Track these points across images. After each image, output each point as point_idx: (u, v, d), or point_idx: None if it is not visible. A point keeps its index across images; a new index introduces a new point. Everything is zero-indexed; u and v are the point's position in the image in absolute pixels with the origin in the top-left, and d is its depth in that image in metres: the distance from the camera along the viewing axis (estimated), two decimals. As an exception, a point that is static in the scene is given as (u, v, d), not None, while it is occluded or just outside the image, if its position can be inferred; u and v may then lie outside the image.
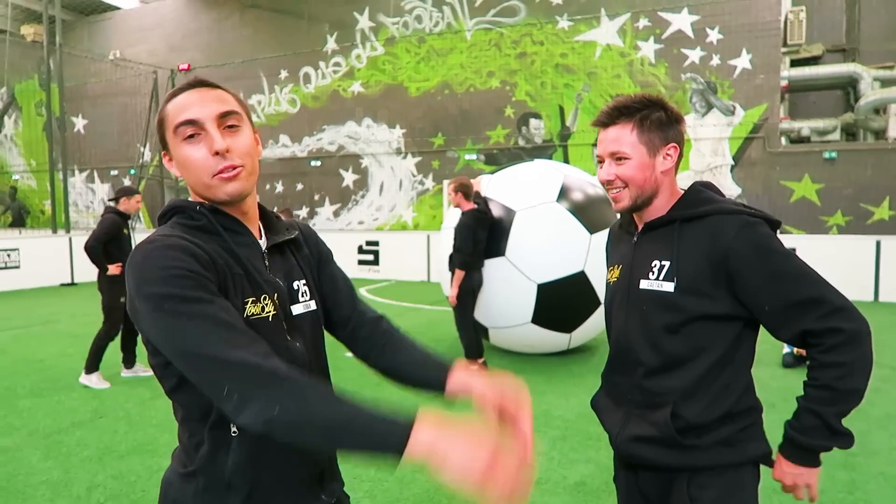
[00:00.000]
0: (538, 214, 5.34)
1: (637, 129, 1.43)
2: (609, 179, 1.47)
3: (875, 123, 10.77)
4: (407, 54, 13.51)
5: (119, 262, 5.14)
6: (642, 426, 1.47)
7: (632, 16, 11.56)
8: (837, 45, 11.44)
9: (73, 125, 17.45)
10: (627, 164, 1.44)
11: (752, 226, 1.36)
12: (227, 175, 1.09)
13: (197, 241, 1.08)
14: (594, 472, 3.42)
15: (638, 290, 1.48)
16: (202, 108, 1.09)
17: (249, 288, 1.11)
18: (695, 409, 1.41)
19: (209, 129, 1.09)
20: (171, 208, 1.16)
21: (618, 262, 1.59)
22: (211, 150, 1.08)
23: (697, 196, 1.47)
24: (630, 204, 1.47)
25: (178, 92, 1.12)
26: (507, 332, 5.62)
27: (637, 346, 1.47)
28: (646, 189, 1.46)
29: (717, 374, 1.42)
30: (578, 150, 12.22)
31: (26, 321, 7.99)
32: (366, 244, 12.51)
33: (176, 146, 1.12)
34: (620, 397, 1.54)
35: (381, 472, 3.43)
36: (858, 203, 10.24)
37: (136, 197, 5.36)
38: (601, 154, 1.49)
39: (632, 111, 1.43)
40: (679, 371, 1.43)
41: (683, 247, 1.41)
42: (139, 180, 16.31)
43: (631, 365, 1.50)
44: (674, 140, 1.45)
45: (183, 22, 15.99)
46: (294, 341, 1.17)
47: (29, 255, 11.17)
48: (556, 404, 4.59)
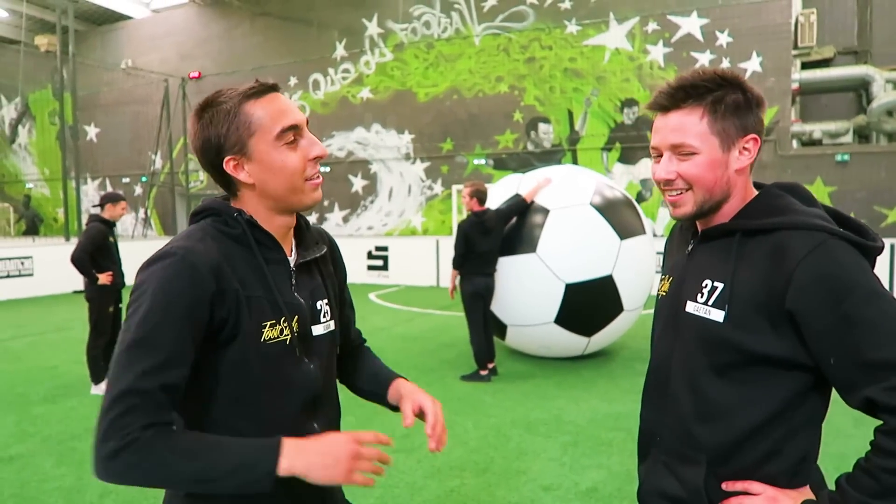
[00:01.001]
0: (571, 215, 5.42)
1: (708, 115, 1.12)
2: (669, 179, 1.16)
3: (888, 126, 10.67)
4: (415, 60, 13.56)
5: (108, 271, 5.01)
6: (669, 480, 1.21)
7: (640, 19, 11.55)
8: (849, 47, 11.36)
9: (85, 134, 17.66)
10: (694, 161, 1.14)
11: (832, 248, 1.04)
12: (317, 181, 1.13)
13: (225, 251, 1.07)
14: (606, 478, 3.39)
15: (684, 314, 1.19)
16: (297, 114, 1.12)
17: (269, 311, 1.09)
18: (733, 473, 1.14)
19: (308, 135, 1.12)
20: (209, 209, 1.14)
21: (670, 273, 1.30)
22: (309, 155, 1.11)
23: (770, 202, 1.15)
24: (694, 211, 1.17)
25: (258, 93, 1.10)
26: (527, 332, 5.62)
27: (675, 383, 1.20)
28: (715, 193, 1.15)
29: (768, 434, 1.12)
30: (587, 154, 12.19)
31: (40, 328, 8.07)
32: (375, 249, 12.54)
33: (273, 150, 1.09)
34: (650, 437, 1.28)
35: (392, 479, 3.42)
36: (871, 206, 10.13)
37: (122, 203, 5.19)
38: (658, 146, 1.17)
39: (702, 92, 1.12)
40: (721, 423, 1.14)
41: (742, 267, 1.11)
42: (150, 188, 16.46)
43: (666, 402, 1.23)
44: (753, 130, 1.15)
45: (194, 31, 16.15)
46: (310, 363, 1.16)
47: (42, 263, 11.30)
48: (567, 410, 4.57)
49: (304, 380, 1.14)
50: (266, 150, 1.09)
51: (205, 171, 1.17)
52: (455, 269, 5.41)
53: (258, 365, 1.08)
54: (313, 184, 1.13)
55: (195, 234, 1.09)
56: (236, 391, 1.08)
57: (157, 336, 0.97)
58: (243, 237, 1.11)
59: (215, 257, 1.05)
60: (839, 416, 4.73)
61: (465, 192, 5.37)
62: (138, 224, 16.67)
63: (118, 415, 0.93)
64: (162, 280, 1.00)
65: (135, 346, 0.97)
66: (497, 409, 4.59)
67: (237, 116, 1.09)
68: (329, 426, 1.22)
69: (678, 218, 1.20)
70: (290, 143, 1.10)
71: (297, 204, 1.13)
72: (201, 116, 1.11)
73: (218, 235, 1.10)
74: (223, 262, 1.06)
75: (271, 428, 1.09)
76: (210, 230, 1.10)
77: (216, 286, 1.03)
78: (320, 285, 1.23)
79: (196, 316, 1.00)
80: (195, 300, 1.00)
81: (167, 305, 0.98)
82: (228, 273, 1.06)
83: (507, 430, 4.18)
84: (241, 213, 1.12)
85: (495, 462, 3.65)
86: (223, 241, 1.09)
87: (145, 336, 0.97)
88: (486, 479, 3.43)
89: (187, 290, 1.00)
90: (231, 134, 1.09)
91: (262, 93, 1.10)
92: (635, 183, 11.76)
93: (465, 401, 4.81)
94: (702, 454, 1.16)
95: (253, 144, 1.09)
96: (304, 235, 1.23)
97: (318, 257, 1.24)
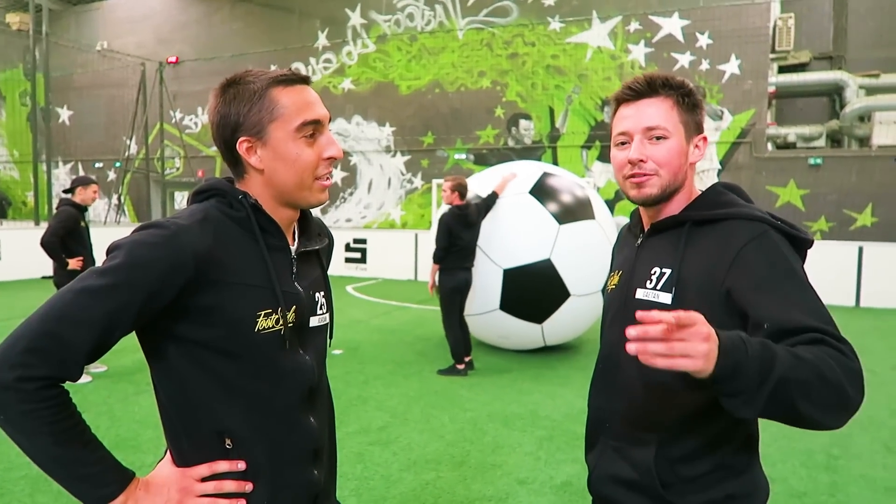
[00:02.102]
0: (510, 203, 5.60)
1: (678, 106, 1.22)
2: (640, 159, 1.21)
3: (860, 131, 10.91)
4: (398, 52, 13.48)
5: (79, 256, 4.91)
6: (620, 464, 1.25)
7: (623, 19, 11.62)
8: (825, 52, 11.58)
9: (58, 116, 17.23)
10: (665, 145, 1.20)
11: (771, 237, 1.13)
12: (327, 183, 1.12)
13: (225, 235, 1.05)
14: (581, 472, 3.43)
15: (633, 300, 1.24)
16: (322, 109, 1.10)
17: (266, 300, 1.07)
18: (682, 453, 1.18)
19: (327, 133, 1.11)
20: (213, 189, 1.11)
21: (619, 267, 1.37)
22: (325, 154, 1.10)
23: (717, 198, 1.25)
24: (658, 193, 1.22)
25: (290, 81, 1.09)
26: (479, 320, 5.71)
27: (625, 367, 1.24)
28: (677, 180, 1.23)
29: (714, 414, 1.14)
30: (567, 151, 12.26)
31: (7, 314, 7.87)
32: (353, 242, 12.47)
33: (289, 140, 1.07)
34: (599, 424, 1.32)
35: (368, 471, 3.41)
36: (842, 209, 10.37)
37: (93, 187, 5.08)
38: (630, 130, 1.22)
39: (673, 86, 1.22)
40: (670, 403, 1.18)
41: (690, 253, 1.19)
42: (125, 173, 16.13)
43: (616, 388, 1.27)
44: (703, 130, 1.26)
45: (172, 14, 15.83)
46: (305, 354, 1.14)
47: (10, 247, 11.01)
48: (542, 404, 4.60)
49: (300, 371, 1.12)
50: (283, 138, 1.07)
51: (216, 148, 1.13)
52: (436, 264, 5.34)
53: (252, 355, 1.06)
54: (322, 184, 1.11)
55: (196, 213, 1.05)
56: (231, 382, 1.05)
57: (109, 296, 0.94)
58: (246, 221, 1.08)
59: (208, 242, 1.02)
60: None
61: (445, 187, 5.36)
62: (111, 210, 16.33)
63: (30, 349, 0.91)
64: (142, 246, 0.98)
65: (85, 293, 0.94)
66: (473, 404, 4.61)
67: (262, 99, 1.07)
68: (325, 422, 1.20)
69: (641, 199, 1.24)
70: (309, 137, 1.08)
71: (301, 201, 1.11)
72: (225, 91, 1.09)
73: (220, 217, 1.07)
74: (217, 248, 1.03)
75: (268, 422, 1.08)
76: (213, 211, 1.07)
77: (195, 272, 0.99)
78: (319, 277, 1.22)
79: (156, 294, 0.97)
80: (163, 279, 0.97)
81: (133, 274, 0.96)
82: (220, 260, 1.02)
83: (483, 423, 4.19)
84: (246, 197, 1.09)
85: (471, 455, 3.66)
86: (225, 224, 1.06)
87: (98, 289, 0.94)
88: (462, 472, 3.45)
89: (161, 266, 0.97)
90: (252, 115, 1.07)
91: (293, 82, 1.09)
92: (614, 181, 11.85)
93: (442, 394, 4.81)
94: (652, 434, 1.20)
95: (271, 130, 1.07)
96: (308, 225, 1.21)
97: (318, 249, 1.22)
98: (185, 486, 1.04)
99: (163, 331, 1.03)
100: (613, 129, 1.27)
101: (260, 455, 1.07)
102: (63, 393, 0.96)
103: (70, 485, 0.97)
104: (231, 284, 1.03)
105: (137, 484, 1.01)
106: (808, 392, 0.95)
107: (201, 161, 15.35)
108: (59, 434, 0.94)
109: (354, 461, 3.53)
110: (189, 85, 15.39)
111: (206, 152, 15.32)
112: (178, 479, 1.04)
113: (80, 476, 0.96)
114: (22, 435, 0.94)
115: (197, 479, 1.05)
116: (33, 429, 0.93)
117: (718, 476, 1.17)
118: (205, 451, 1.06)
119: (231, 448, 1.06)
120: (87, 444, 0.97)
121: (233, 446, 1.06)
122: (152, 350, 1.06)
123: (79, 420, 0.98)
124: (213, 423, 1.05)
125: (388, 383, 5.06)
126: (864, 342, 6.71)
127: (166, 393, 1.07)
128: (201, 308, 1.01)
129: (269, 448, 1.08)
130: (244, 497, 1.06)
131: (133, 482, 1.01)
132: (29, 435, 0.94)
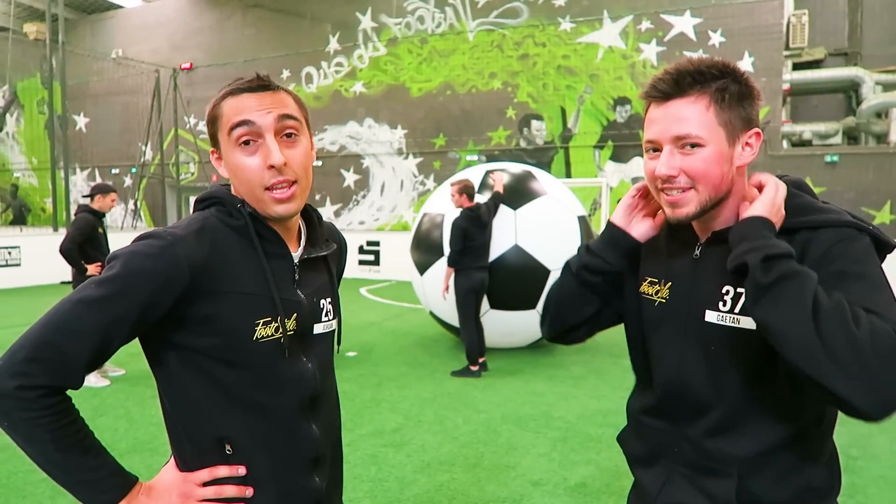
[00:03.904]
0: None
1: (715, 104, 1.02)
2: (671, 175, 1.04)
3: (877, 127, 10.76)
4: (409, 55, 13.52)
5: (97, 262, 4.96)
6: (692, 494, 1.12)
7: (634, 18, 11.57)
8: (840, 48, 11.44)
9: (74, 123, 17.47)
10: (700, 155, 1.02)
11: (858, 240, 0.99)
12: (281, 195, 1.04)
13: (223, 243, 1.05)
14: (595, 473, 3.42)
15: (702, 324, 1.09)
16: (262, 113, 1.04)
17: (264, 309, 1.06)
18: (765, 485, 1.06)
19: (266, 140, 1.04)
20: (212, 198, 1.11)
21: (664, 276, 1.17)
22: (266, 163, 1.03)
23: (789, 201, 1.05)
24: (696, 211, 1.05)
25: (237, 91, 1.06)
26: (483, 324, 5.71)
27: (700, 395, 1.11)
28: (720, 191, 1.05)
29: (803, 438, 1.06)
30: (580, 151, 12.22)
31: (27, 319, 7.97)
32: (366, 244, 12.51)
33: (228, 149, 1.06)
34: (661, 447, 1.19)
35: (382, 473, 3.42)
36: (860, 207, 10.23)
37: (112, 195, 5.15)
38: (658, 138, 1.05)
39: (707, 79, 1.02)
40: (752, 431, 1.07)
41: None
42: (140, 179, 16.33)
43: (687, 415, 1.13)
44: (756, 124, 1.06)
45: (185, 21, 16.01)
46: (308, 362, 1.13)
47: (30, 253, 11.18)
48: (556, 406, 4.59)
49: (301, 379, 1.11)
50: (225, 146, 1.07)
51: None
52: (451, 267, 5.31)
53: (251, 363, 1.06)
54: (274, 196, 1.04)
55: (194, 223, 1.06)
56: (230, 389, 1.06)
57: (106, 306, 0.95)
58: (245, 229, 1.07)
59: (204, 252, 1.02)
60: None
61: (453, 190, 5.37)
62: (128, 215, 16.54)
63: (30, 358, 0.93)
64: (138, 257, 0.98)
65: (83, 304, 0.95)
66: (487, 405, 4.61)
67: (214, 109, 1.08)
68: (328, 428, 1.19)
69: (678, 220, 1.08)
70: (245, 144, 1.04)
71: (262, 212, 1.07)
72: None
73: (219, 226, 1.07)
74: (214, 257, 1.03)
75: (268, 428, 1.08)
76: (212, 220, 1.07)
77: (191, 282, 0.99)
78: (326, 283, 1.20)
79: (153, 304, 0.98)
80: (160, 289, 0.97)
81: (129, 284, 0.96)
82: (217, 270, 1.03)
83: (496, 425, 4.19)
84: (244, 205, 1.08)
85: (485, 457, 3.67)
86: (223, 232, 1.06)
87: (95, 300, 0.95)
88: (476, 473, 3.45)
89: (157, 277, 0.97)
90: (209, 125, 1.10)
91: (242, 91, 1.06)
92: (627, 181, 11.80)
93: (456, 396, 4.82)
94: (732, 466, 1.08)
95: (221, 140, 1.07)
96: (315, 230, 1.19)
97: (327, 255, 1.20)
98: (186, 491, 1.05)
99: (163, 339, 1.04)
100: (644, 132, 1.10)
101: (260, 461, 1.07)
102: (64, 400, 0.97)
103: (72, 490, 1.00)
104: (228, 293, 1.03)
105: (140, 489, 1.03)
106: (819, 308, 0.89)
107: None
108: (60, 441, 0.96)
109: (368, 463, 3.55)
110: (203, 90, 15.54)
111: (219, 157, 15.44)
112: (180, 484, 1.06)
113: (81, 482, 0.98)
114: (24, 441, 0.96)
115: (198, 484, 1.06)
116: (35, 436, 0.95)
117: (803, 499, 1.08)
118: (206, 456, 1.07)
119: (231, 454, 1.06)
120: (89, 450, 0.99)
121: (233, 452, 1.06)
122: (154, 357, 1.07)
123: (80, 427, 0.99)
124: (214, 429, 1.06)
125: (402, 385, 5.08)
126: (883, 341, 6.61)
127: (169, 399, 1.08)
128: (199, 317, 1.02)
129: (269, 455, 1.08)
130: (244, 502, 1.07)
131: (135, 487, 1.02)
132: (31, 441, 0.96)
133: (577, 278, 1.24)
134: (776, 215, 1.01)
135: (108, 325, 0.96)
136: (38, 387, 0.93)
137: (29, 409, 0.93)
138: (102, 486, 0.99)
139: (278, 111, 1.05)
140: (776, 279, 0.92)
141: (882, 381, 0.86)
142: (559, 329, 1.31)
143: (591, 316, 1.27)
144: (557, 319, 1.29)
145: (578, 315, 1.27)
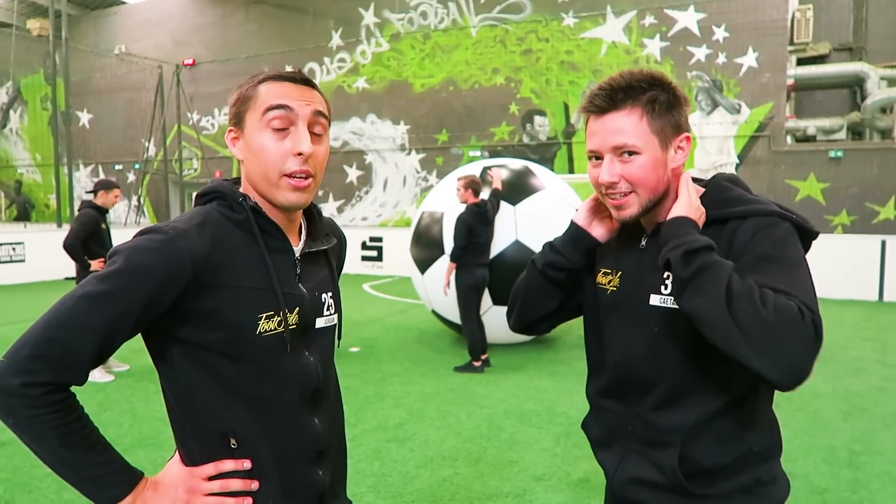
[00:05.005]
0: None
1: (647, 115, 1.13)
2: (613, 181, 1.15)
3: (881, 123, 10.72)
4: (412, 50, 13.50)
5: (100, 258, 4.98)
6: (644, 467, 1.22)
7: (638, 13, 11.53)
8: (844, 43, 11.39)
9: (78, 119, 17.50)
10: (636, 162, 1.13)
11: (779, 226, 1.11)
12: (298, 183, 1.06)
13: (225, 238, 1.05)
14: (597, 468, 3.42)
15: (647, 307, 1.20)
16: (301, 103, 1.06)
17: (266, 303, 1.06)
18: (707, 450, 1.17)
19: (299, 127, 1.06)
20: (214, 192, 1.11)
21: (614, 266, 1.29)
22: (295, 149, 1.05)
23: (722, 195, 1.19)
24: (639, 212, 1.17)
25: (279, 77, 1.08)
26: (485, 321, 5.69)
27: (645, 373, 1.21)
28: (658, 192, 1.16)
29: (738, 407, 1.16)
30: (583, 147, 12.04)
31: (31, 315, 8.03)
32: (369, 240, 12.52)
33: (256, 129, 1.06)
34: (616, 428, 1.29)
35: (385, 468, 3.44)
36: (864, 202, 10.20)
37: (115, 191, 5.17)
38: (599, 149, 1.16)
39: (638, 92, 1.13)
40: (692, 403, 1.17)
41: None
42: (143, 175, 16.36)
43: (635, 393, 1.24)
44: (685, 128, 1.17)
45: (188, 17, 16.00)
46: (310, 356, 1.14)
47: (34, 249, 11.22)
48: (559, 401, 4.60)
49: (304, 373, 1.12)
50: (253, 126, 1.07)
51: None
52: (453, 262, 5.33)
53: (254, 357, 1.06)
54: (291, 183, 1.05)
55: (196, 217, 1.06)
56: (234, 383, 1.06)
57: (109, 302, 0.96)
58: (247, 223, 1.08)
59: (206, 246, 1.02)
60: (828, 409, 4.76)
61: (459, 185, 5.35)
62: (131, 211, 16.57)
63: (33, 355, 0.93)
64: (140, 252, 0.98)
65: (85, 299, 0.95)
66: (490, 400, 4.62)
67: (247, 90, 1.09)
68: (331, 422, 1.20)
69: (623, 220, 1.20)
70: (279, 129, 1.05)
71: (271, 198, 1.07)
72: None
73: (221, 220, 1.07)
74: (216, 251, 1.03)
75: (272, 422, 1.09)
76: (213, 214, 1.08)
77: (193, 277, 1.00)
78: (327, 277, 1.21)
79: (156, 299, 0.98)
80: (163, 284, 0.97)
81: (132, 280, 0.96)
82: (219, 264, 1.03)
83: (499, 420, 4.20)
84: (246, 199, 1.09)
85: (488, 452, 3.68)
86: (225, 227, 1.06)
87: (98, 295, 0.95)
88: (479, 468, 3.46)
89: (159, 271, 0.97)
90: (237, 104, 1.10)
91: (285, 79, 1.08)
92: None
93: (459, 391, 4.83)
94: (676, 435, 1.18)
95: (247, 118, 1.08)
96: (316, 225, 1.20)
97: (328, 249, 1.21)
98: (193, 486, 1.05)
99: (166, 334, 1.04)
100: (586, 142, 1.21)
101: (264, 455, 1.08)
102: (69, 397, 0.97)
103: (78, 486, 1.00)
104: (231, 287, 1.03)
105: (146, 484, 1.03)
106: (731, 289, 1.00)
107: (218, 162, 15.51)
108: (65, 437, 0.96)
109: (372, 458, 3.56)
110: (205, 87, 15.55)
111: (222, 153, 15.46)
112: (186, 478, 1.06)
113: (87, 478, 0.99)
114: (30, 438, 0.96)
115: (204, 478, 1.06)
116: (40, 433, 0.95)
117: (745, 462, 1.17)
118: (211, 450, 1.07)
119: (236, 448, 1.07)
120: (94, 446, 0.99)
121: (237, 446, 1.07)
122: (157, 352, 1.07)
123: (85, 423, 0.99)
124: (218, 423, 1.06)
125: (405, 381, 5.09)
126: (887, 337, 6.60)
127: (173, 394, 1.09)
128: (202, 312, 1.02)
129: (272, 448, 1.08)
130: (250, 496, 1.07)
131: (141, 482, 1.03)
132: (36, 438, 0.96)
133: (542, 275, 1.35)
134: (696, 212, 1.13)
135: (112, 321, 0.96)
136: (43, 383, 0.93)
137: (34, 406, 0.93)
138: (108, 482, 0.99)
139: (315, 107, 1.09)
140: (695, 271, 1.03)
141: (786, 352, 0.96)
142: (526, 321, 1.42)
143: (554, 309, 1.38)
144: (524, 313, 1.41)
145: (543, 308, 1.39)
